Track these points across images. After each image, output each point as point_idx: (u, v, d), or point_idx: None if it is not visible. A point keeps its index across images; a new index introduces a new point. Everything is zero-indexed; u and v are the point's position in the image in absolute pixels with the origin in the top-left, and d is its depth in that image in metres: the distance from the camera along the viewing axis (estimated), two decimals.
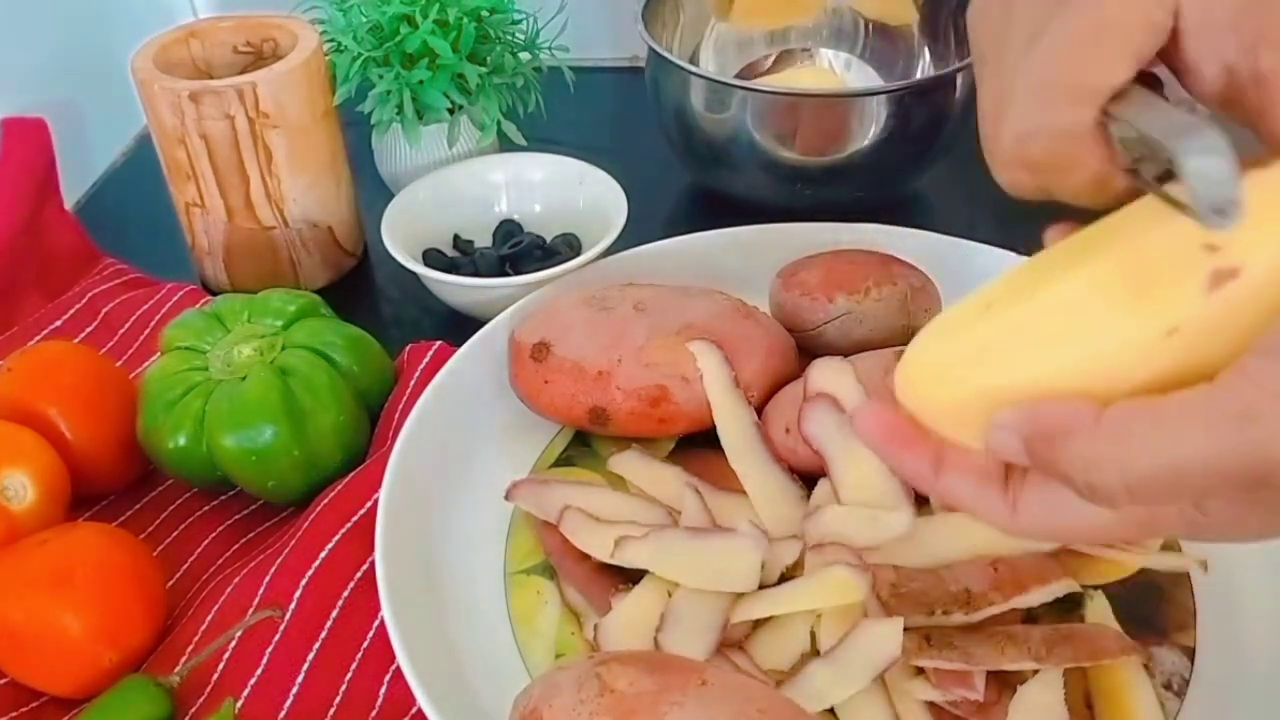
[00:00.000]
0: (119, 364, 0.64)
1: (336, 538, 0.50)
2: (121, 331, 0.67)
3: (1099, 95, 0.30)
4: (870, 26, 0.83)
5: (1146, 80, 0.31)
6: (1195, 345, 0.27)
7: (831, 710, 0.43)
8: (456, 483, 0.53)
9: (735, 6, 0.81)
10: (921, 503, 0.49)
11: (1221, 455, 0.26)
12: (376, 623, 0.48)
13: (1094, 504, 0.28)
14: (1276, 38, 0.29)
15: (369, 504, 0.51)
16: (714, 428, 0.53)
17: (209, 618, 0.49)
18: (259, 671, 0.47)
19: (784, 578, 0.47)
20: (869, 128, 0.68)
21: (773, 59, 0.84)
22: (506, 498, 0.51)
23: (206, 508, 0.58)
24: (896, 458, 0.33)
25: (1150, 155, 0.30)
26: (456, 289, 0.65)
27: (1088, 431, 0.28)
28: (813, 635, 0.45)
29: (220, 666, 0.47)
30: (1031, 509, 0.31)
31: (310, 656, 0.47)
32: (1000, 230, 0.61)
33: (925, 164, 0.74)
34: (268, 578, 0.49)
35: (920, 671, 0.43)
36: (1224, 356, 0.27)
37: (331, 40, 0.71)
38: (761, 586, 0.46)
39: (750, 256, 0.63)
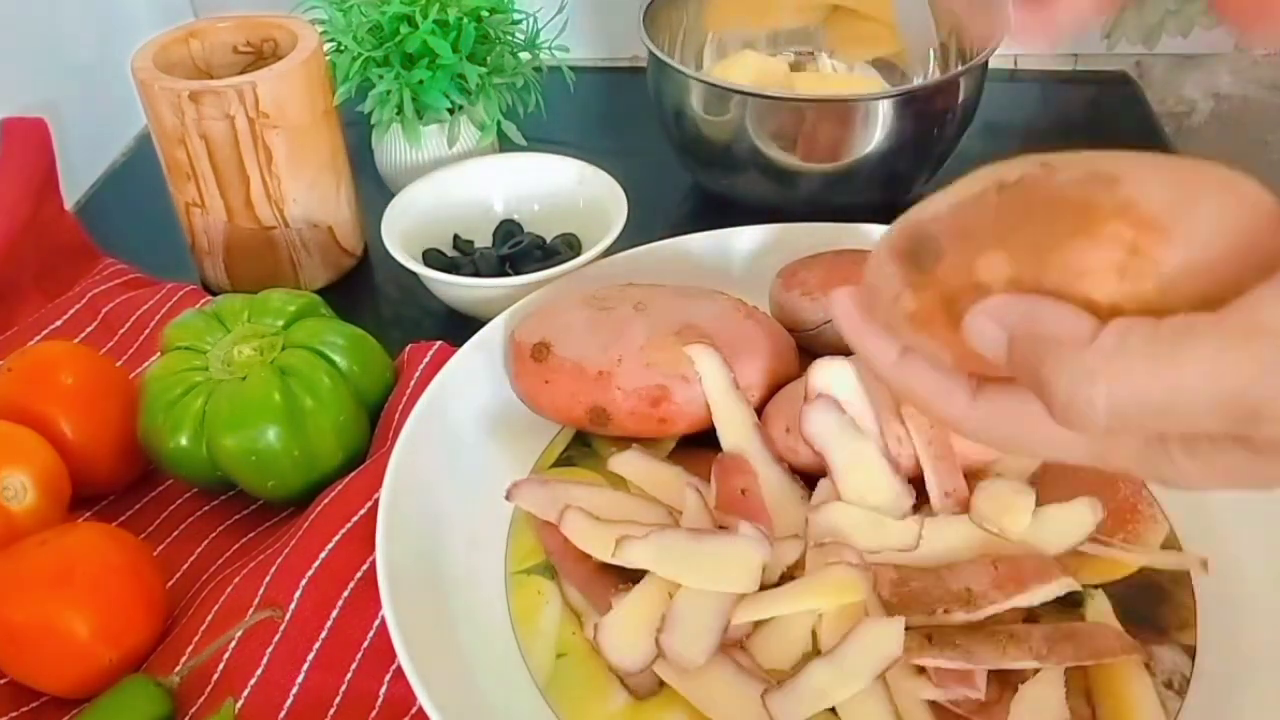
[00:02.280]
0: (119, 364, 0.64)
1: (336, 538, 0.50)
2: (121, 331, 0.67)
3: None
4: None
5: None
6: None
7: (833, 709, 0.43)
8: (456, 483, 0.53)
9: (708, 12, 0.81)
10: (922, 503, 0.49)
11: (1222, 377, 0.24)
12: (377, 623, 0.48)
13: (1062, 425, 0.27)
14: None
15: (369, 504, 0.51)
16: (714, 428, 0.53)
17: (209, 618, 0.49)
18: (259, 671, 0.47)
19: (785, 577, 0.47)
20: (872, 133, 0.68)
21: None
22: (507, 498, 0.51)
23: (206, 508, 0.58)
24: (861, 335, 0.32)
25: None
26: (456, 289, 0.65)
27: (1082, 344, 0.26)
28: (814, 635, 0.45)
29: (220, 666, 0.47)
30: (991, 409, 0.30)
31: (310, 656, 0.47)
32: None
33: (929, 169, 0.73)
34: (268, 578, 0.49)
35: (922, 670, 0.43)
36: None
37: (331, 40, 0.71)
38: (763, 587, 0.46)
39: (750, 256, 0.63)
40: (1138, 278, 0.27)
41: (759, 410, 0.53)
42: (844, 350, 0.53)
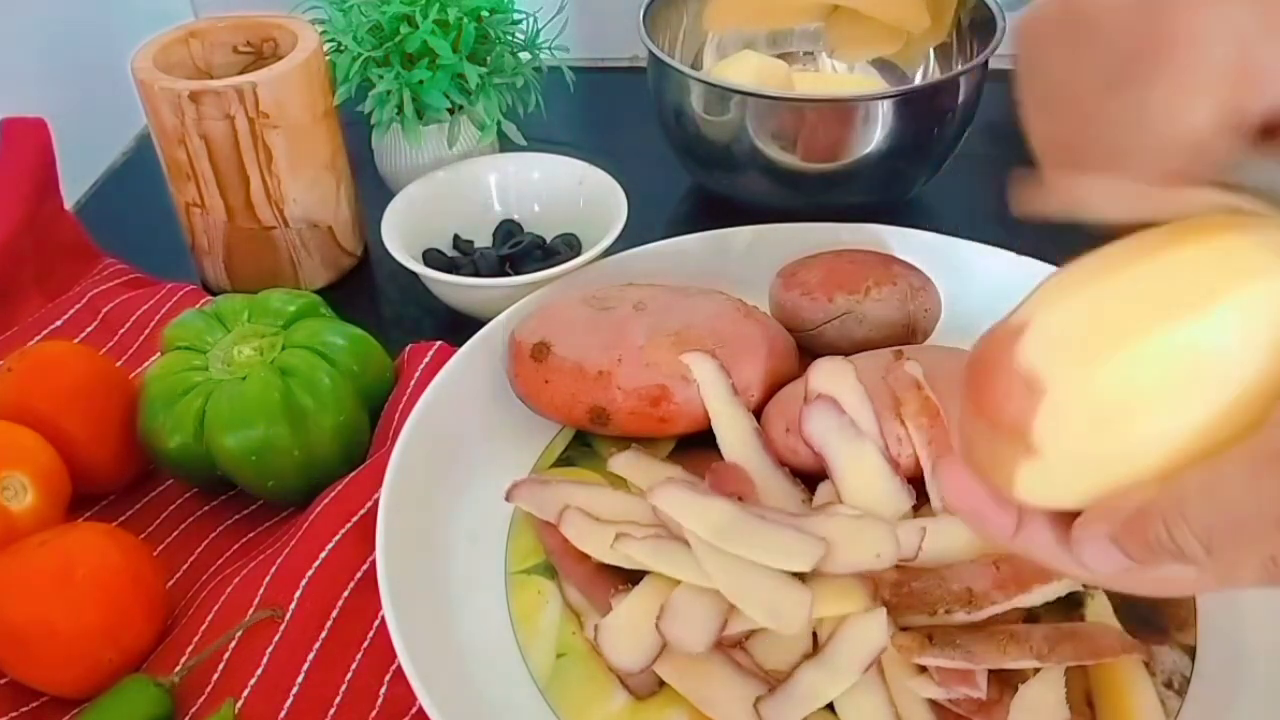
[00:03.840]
0: (119, 364, 0.64)
1: (336, 538, 0.50)
2: (121, 331, 0.67)
3: (1199, 147, 0.30)
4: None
5: None
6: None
7: (832, 709, 0.43)
8: (456, 483, 0.53)
9: (708, 12, 0.82)
10: (922, 503, 0.49)
11: (1269, 502, 0.27)
12: (377, 623, 0.48)
13: (1191, 563, 0.29)
14: None
15: (369, 504, 0.51)
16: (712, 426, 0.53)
17: (209, 618, 0.49)
18: (259, 671, 0.47)
19: None
20: (872, 133, 0.68)
21: None
22: (507, 498, 0.51)
23: (206, 508, 0.58)
24: (982, 520, 0.33)
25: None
26: (456, 289, 0.65)
27: (1156, 502, 0.28)
28: (814, 635, 0.45)
29: (220, 666, 0.47)
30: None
31: (310, 656, 0.47)
32: (1000, 230, 0.61)
33: (929, 169, 0.73)
34: (268, 578, 0.49)
35: (923, 669, 0.43)
36: None
37: (331, 40, 0.71)
38: None
39: (750, 256, 0.63)
40: None
41: (759, 410, 0.53)
42: (843, 350, 0.53)
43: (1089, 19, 0.33)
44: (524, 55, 0.75)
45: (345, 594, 0.49)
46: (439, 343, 0.61)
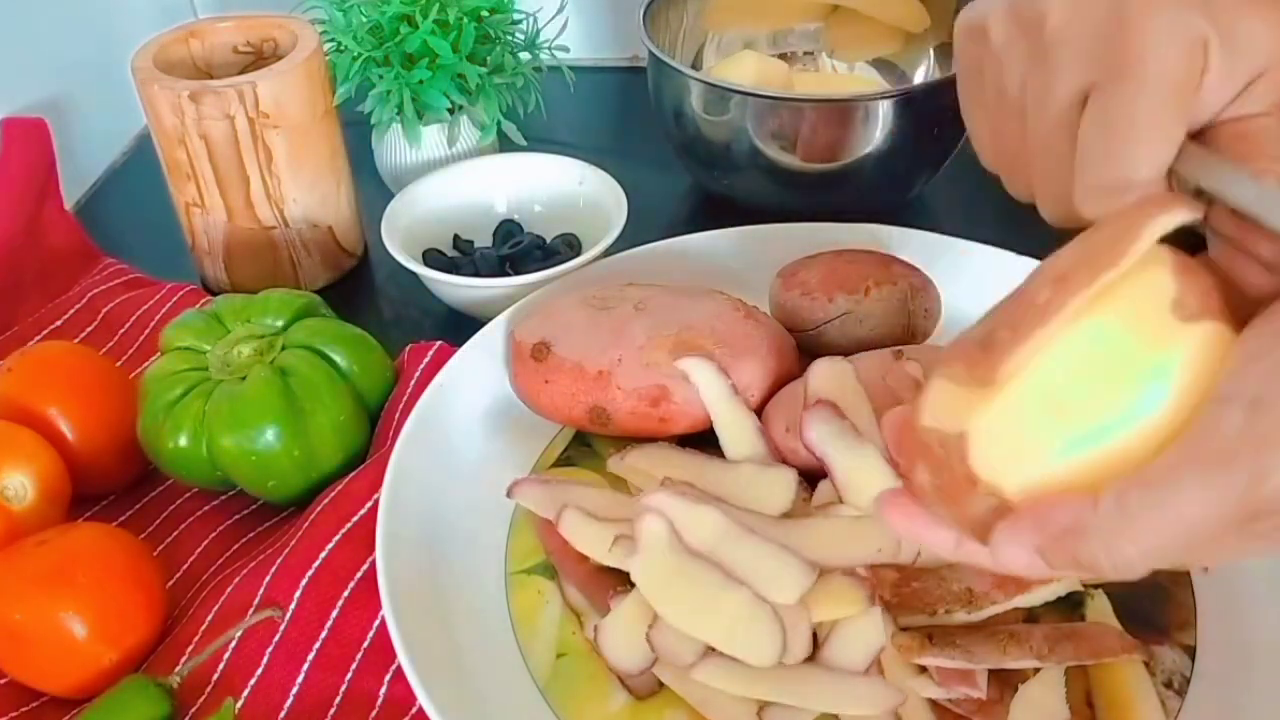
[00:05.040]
0: (119, 364, 0.64)
1: (336, 538, 0.50)
2: (121, 331, 0.67)
3: (1165, 166, 0.32)
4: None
5: None
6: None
7: None
8: (456, 483, 0.53)
9: (707, 12, 0.82)
10: None
11: (1215, 507, 0.27)
12: (377, 623, 0.48)
13: (1119, 576, 0.30)
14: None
15: (369, 504, 0.51)
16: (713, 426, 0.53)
17: (209, 618, 0.49)
18: (259, 671, 0.47)
19: None
20: (872, 133, 0.68)
21: None
22: (508, 495, 0.51)
23: (206, 508, 0.58)
24: (919, 532, 0.34)
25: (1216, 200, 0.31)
26: (456, 289, 0.65)
27: (1092, 521, 0.29)
28: (815, 635, 0.45)
29: (220, 666, 0.47)
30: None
31: (310, 656, 0.47)
32: (1000, 230, 0.61)
33: (929, 169, 0.73)
34: (268, 578, 0.49)
35: (923, 669, 0.43)
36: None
37: (331, 40, 0.71)
38: None
39: (750, 256, 0.63)
40: None
41: (758, 410, 0.53)
42: (843, 350, 0.53)
43: (1041, 30, 0.33)
44: (524, 55, 0.75)
45: (345, 594, 0.49)
46: (439, 343, 0.61)
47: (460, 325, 0.63)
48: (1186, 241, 0.31)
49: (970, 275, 0.60)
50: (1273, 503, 0.27)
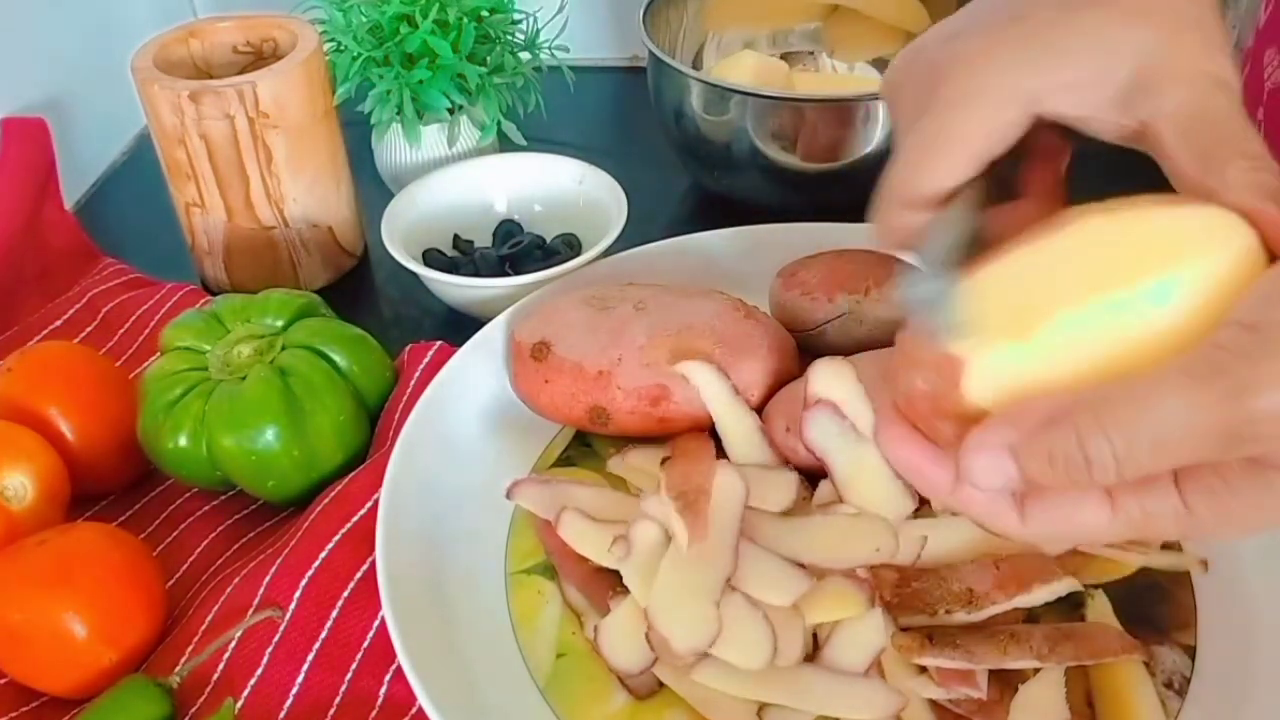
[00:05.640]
0: (119, 364, 0.64)
1: (336, 538, 0.50)
2: (121, 331, 0.67)
3: (932, 200, 0.37)
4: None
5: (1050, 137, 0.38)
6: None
7: None
8: (456, 483, 0.53)
9: (707, 12, 0.82)
10: (924, 504, 0.49)
11: (1197, 411, 0.28)
12: (377, 623, 0.48)
13: (1093, 481, 0.29)
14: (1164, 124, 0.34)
15: (369, 504, 0.51)
16: (714, 427, 0.53)
17: (209, 618, 0.49)
18: (259, 671, 0.47)
19: None
20: (872, 133, 0.68)
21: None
22: (507, 496, 0.51)
23: (206, 508, 0.58)
24: (919, 474, 0.34)
25: None
26: (456, 289, 0.65)
27: (1070, 409, 0.29)
28: (815, 635, 0.45)
29: (220, 666, 0.47)
30: (1037, 517, 0.32)
31: (310, 656, 0.47)
32: None
33: None
34: (268, 578, 0.49)
35: (923, 670, 0.43)
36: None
37: (331, 40, 0.71)
38: None
39: (750, 256, 0.63)
40: None
41: (758, 410, 0.53)
42: (843, 350, 0.53)
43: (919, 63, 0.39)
44: (524, 55, 0.75)
45: (345, 594, 0.49)
46: (439, 343, 0.61)
47: (460, 325, 0.63)
48: None
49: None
50: (1253, 426, 0.27)
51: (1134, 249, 0.31)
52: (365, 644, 0.48)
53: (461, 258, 0.70)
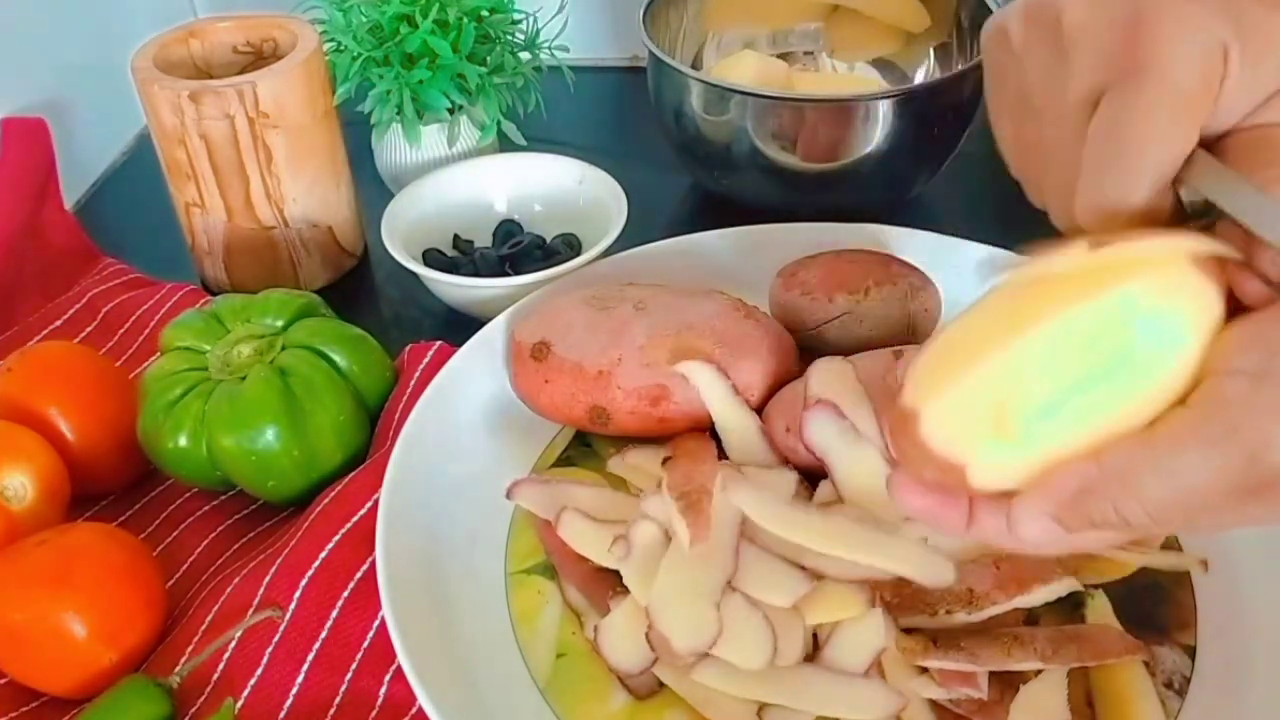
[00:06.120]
0: (119, 364, 0.64)
1: (336, 538, 0.50)
2: (121, 331, 0.67)
3: (1170, 174, 0.31)
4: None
5: None
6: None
7: None
8: (456, 483, 0.53)
9: (707, 12, 0.82)
10: None
11: (1219, 474, 0.28)
12: (376, 623, 0.48)
13: (1134, 533, 0.31)
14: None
15: (369, 504, 0.51)
16: (714, 426, 0.53)
17: (209, 618, 0.49)
18: (259, 671, 0.47)
19: None
20: (872, 133, 0.68)
21: None
22: (507, 496, 0.51)
23: (206, 508, 0.58)
24: (934, 518, 0.34)
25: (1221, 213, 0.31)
26: (456, 289, 0.65)
27: (1099, 479, 0.30)
28: (815, 635, 0.45)
29: (220, 666, 0.47)
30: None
31: (310, 656, 0.47)
32: (1000, 230, 0.61)
33: (929, 169, 0.73)
34: (268, 578, 0.49)
35: (923, 670, 0.43)
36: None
37: (331, 40, 0.71)
38: None
39: (750, 256, 0.63)
40: None
41: (759, 410, 0.53)
42: (843, 350, 0.53)
43: (1058, 30, 0.32)
44: (524, 55, 0.75)
45: (345, 594, 0.49)
46: (439, 343, 0.61)
47: (460, 325, 0.63)
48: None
49: (970, 275, 0.59)
50: (1274, 475, 0.27)
51: (1085, 317, 0.30)
52: (365, 644, 0.48)
53: (461, 258, 0.70)
